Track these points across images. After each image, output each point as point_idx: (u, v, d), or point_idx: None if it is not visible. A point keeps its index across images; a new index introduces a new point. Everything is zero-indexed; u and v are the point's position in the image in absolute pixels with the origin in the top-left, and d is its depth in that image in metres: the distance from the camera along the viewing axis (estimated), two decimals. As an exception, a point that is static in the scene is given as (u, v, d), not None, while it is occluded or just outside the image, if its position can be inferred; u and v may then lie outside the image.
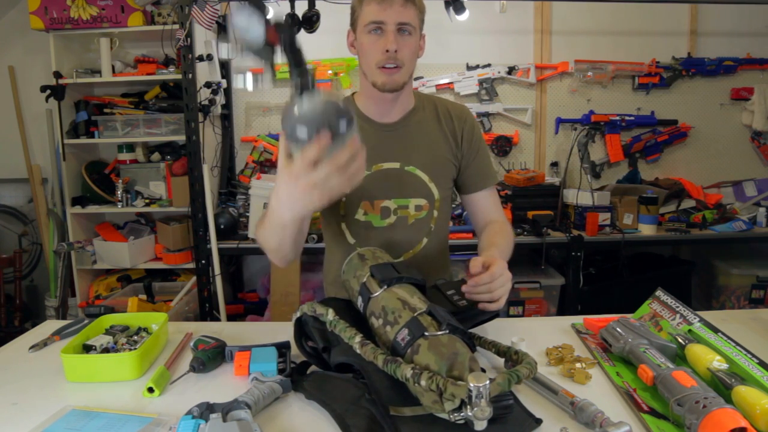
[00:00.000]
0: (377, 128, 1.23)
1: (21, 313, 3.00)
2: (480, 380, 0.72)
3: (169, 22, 2.53)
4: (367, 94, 1.23)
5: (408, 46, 1.13)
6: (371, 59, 1.14)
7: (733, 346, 0.93)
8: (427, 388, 0.74)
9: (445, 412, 0.74)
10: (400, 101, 1.24)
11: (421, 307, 0.88)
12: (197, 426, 0.75)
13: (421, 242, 1.29)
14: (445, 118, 1.28)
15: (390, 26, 1.11)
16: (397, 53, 1.12)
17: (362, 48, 1.16)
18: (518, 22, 2.94)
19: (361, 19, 1.14)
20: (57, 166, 2.90)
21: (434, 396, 0.74)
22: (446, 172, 1.28)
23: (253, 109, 2.99)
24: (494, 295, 0.99)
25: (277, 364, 0.97)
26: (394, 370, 0.78)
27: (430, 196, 1.26)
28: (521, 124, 3.00)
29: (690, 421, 0.74)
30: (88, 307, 1.50)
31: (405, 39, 1.13)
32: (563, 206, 2.66)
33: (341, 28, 2.97)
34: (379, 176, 1.22)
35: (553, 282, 2.55)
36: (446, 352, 0.78)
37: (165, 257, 2.72)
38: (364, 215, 1.23)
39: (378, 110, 1.23)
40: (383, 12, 1.10)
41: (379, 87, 1.16)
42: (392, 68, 1.13)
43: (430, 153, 1.25)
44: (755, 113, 2.91)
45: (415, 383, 0.75)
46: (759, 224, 2.59)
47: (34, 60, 2.99)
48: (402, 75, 1.15)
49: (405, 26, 1.11)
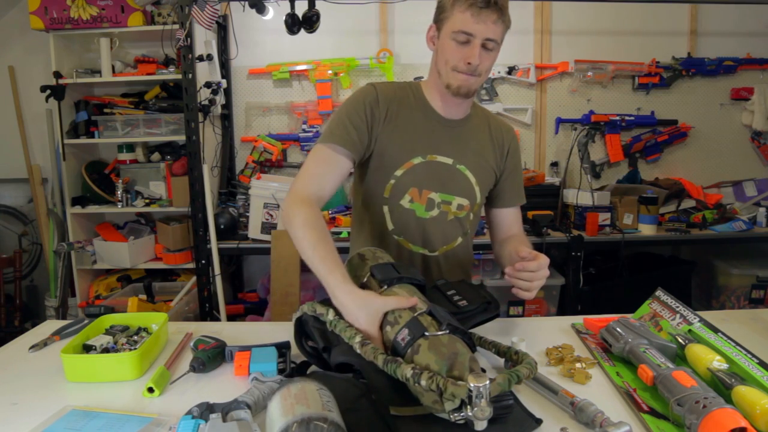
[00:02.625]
0: (438, 120, 1.25)
1: (21, 313, 3.00)
2: (480, 380, 0.72)
3: (169, 22, 2.53)
4: (435, 89, 1.24)
5: (489, 59, 1.15)
6: (450, 63, 1.15)
7: (733, 346, 0.93)
8: (428, 388, 0.74)
9: (445, 411, 0.74)
10: (464, 105, 1.26)
11: (422, 307, 0.88)
12: (197, 426, 0.75)
13: (456, 241, 1.31)
14: (495, 130, 1.31)
15: (478, 40, 1.11)
16: (480, 66, 1.14)
17: (444, 50, 1.15)
18: (518, 22, 2.90)
19: (450, 23, 1.13)
20: (57, 166, 2.90)
21: (434, 396, 0.74)
22: (488, 180, 1.31)
23: (253, 109, 2.99)
24: (533, 285, 1.03)
25: (277, 364, 0.97)
26: (394, 370, 0.78)
27: (473, 198, 1.28)
28: (521, 124, 3.00)
29: (690, 421, 0.74)
30: (88, 307, 1.50)
31: (488, 53, 1.14)
32: (563, 206, 2.66)
33: (341, 28, 2.96)
34: (431, 167, 1.23)
35: (553, 282, 2.54)
36: (446, 352, 0.78)
37: (165, 257, 2.72)
38: (410, 202, 1.24)
39: (442, 105, 1.25)
40: (475, 25, 1.09)
41: (452, 90, 1.16)
42: (469, 76, 1.15)
43: (479, 157, 1.27)
44: (755, 113, 2.91)
45: (416, 383, 0.75)
46: (759, 224, 2.59)
47: (34, 60, 2.99)
48: (477, 83, 1.17)
49: (491, 42, 1.12)
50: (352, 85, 2.91)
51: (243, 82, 2.98)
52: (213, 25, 2.37)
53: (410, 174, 1.21)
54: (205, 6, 2.26)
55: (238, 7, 2.50)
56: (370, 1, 2.63)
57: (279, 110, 2.99)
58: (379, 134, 1.19)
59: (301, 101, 2.95)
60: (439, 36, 1.16)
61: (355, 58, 2.88)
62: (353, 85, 2.92)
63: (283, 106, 2.97)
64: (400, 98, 1.23)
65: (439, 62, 1.18)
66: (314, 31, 2.36)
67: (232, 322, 2.54)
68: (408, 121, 1.21)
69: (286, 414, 0.67)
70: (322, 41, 2.78)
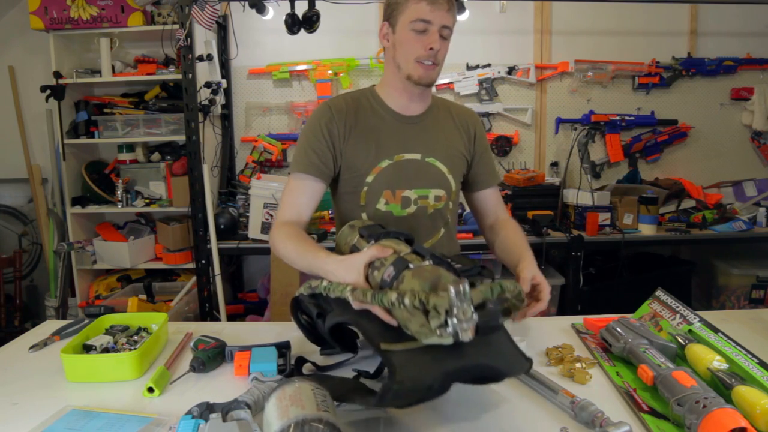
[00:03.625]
0: (400, 120, 1.26)
1: (21, 313, 3.00)
2: (459, 283, 0.73)
3: (169, 22, 2.53)
4: (394, 86, 1.25)
5: (445, 47, 1.20)
6: (411, 54, 1.17)
7: (733, 346, 0.93)
8: (411, 306, 0.75)
9: (432, 332, 0.74)
10: (424, 97, 1.29)
11: (407, 250, 0.92)
12: (197, 426, 0.76)
13: (440, 232, 1.32)
14: (459, 116, 1.34)
15: (435, 27, 1.16)
16: (437, 53, 1.18)
17: (402, 42, 1.18)
18: (518, 22, 2.94)
19: (406, 15, 1.16)
20: (57, 166, 2.90)
21: (420, 318, 0.75)
22: (460, 166, 1.32)
23: (253, 109, 2.99)
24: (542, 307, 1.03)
25: (277, 364, 0.97)
26: (381, 299, 0.80)
27: (447, 187, 1.29)
28: (521, 124, 3.00)
29: (690, 421, 0.74)
30: (88, 307, 1.51)
31: (444, 42, 1.19)
32: (563, 206, 2.66)
33: (341, 28, 2.96)
34: (400, 166, 1.24)
35: (553, 282, 2.54)
36: (430, 276, 0.80)
37: (165, 257, 2.71)
38: (385, 205, 1.25)
39: (402, 103, 1.26)
40: (432, 12, 1.15)
41: (415, 80, 1.19)
42: (430, 65, 1.18)
43: (447, 146, 1.29)
44: (755, 113, 2.91)
45: (401, 305, 0.76)
46: (759, 224, 2.59)
47: (34, 60, 2.98)
48: (436, 72, 1.21)
49: (446, 30, 1.18)
50: (352, 85, 2.91)
51: (243, 82, 2.98)
52: (213, 25, 2.37)
53: (381, 177, 1.23)
54: (205, 6, 2.26)
55: (238, 7, 2.50)
56: (370, 1, 2.63)
57: (279, 110, 2.99)
58: (342, 149, 1.23)
59: (301, 101, 2.95)
60: (395, 31, 1.19)
61: (355, 58, 2.88)
62: (353, 85, 2.92)
63: (283, 106, 2.97)
64: (356, 108, 1.26)
65: (397, 56, 1.20)
66: (314, 31, 2.36)
67: (232, 322, 2.54)
68: (369, 128, 1.24)
69: (281, 417, 0.68)
70: (322, 41, 2.78)
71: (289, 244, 1.11)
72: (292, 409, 0.68)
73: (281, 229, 1.15)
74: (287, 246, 1.11)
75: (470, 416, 0.84)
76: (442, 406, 0.87)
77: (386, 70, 1.26)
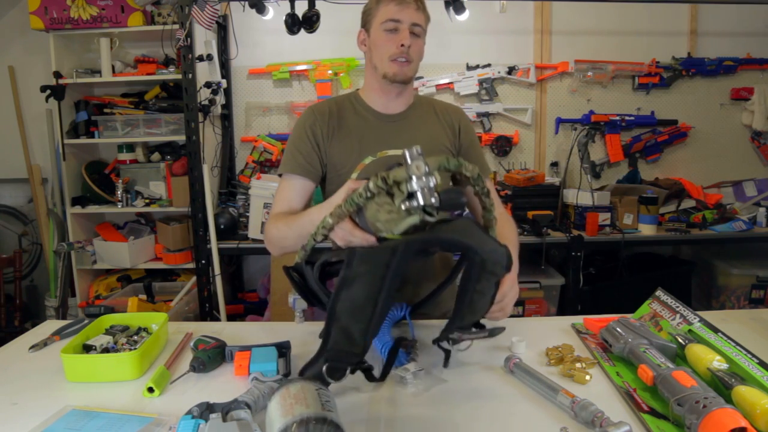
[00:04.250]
0: (382, 119, 1.30)
1: (21, 313, 3.00)
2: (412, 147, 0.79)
3: (169, 22, 2.53)
4: (373, 88, 1.31)
5: (417, 44, 1.25)
6: (385, 53, 1.23)
7: (733, 346, 0.93)
8: (375, 187, 0.80)
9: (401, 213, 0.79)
10: (404, 95, 1.32)
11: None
12: (197, 426, 0.76)
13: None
14: (442, 112, 1.36)
15: (405, 25, 1.21)
16: (409, 49, 1.23)
17: (376, 43, 1.25)
18: (518, 22, 2.94)
19: (377, 18, 1.23)
20: (57, 166, 2.90)
21: (387, 201, 0.80)
22: None
23: (253, 109, 2.99)
24: (506, 312, 1.05)
25: (277, 364, 0.97)
26: (352, 199, 0.85)
27: None
28: (521, 124, 3.00)
29: (690, 421, 0.74)
30: (88, 307, 1.51)
31: (416, 39, 1.24)
32: (563, 206, 2.66)
33: (341, 28, 2.96)
34: (383, 162, 1.26)
35: (553, 282, 2.55)
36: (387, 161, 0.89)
37: (165, 257, 2.72)
38: None
39: (383, 102, 1.31)
40: (400, 12, 1.21)
41: (390, 78, 1.24)
42: (404, 62, 1.23)
43: (430, 142, 1.29)
44: (755, 113, 2.91)
45: (368, 194, 0.81)
46: (759, 224, 2.59)
47: (34, 60, 2.98)
48: (411, 69, 1.26)
49: (417, 27, 1.23)
50: (351, 85, 2.91)
51: (243, 82, 2.98)
52: (213, 25, 2.37)
53: (364, 173, 1.26)
54: (205, 6, 2.26)
55: (238, 7, 2.50)
56: (370, 1, 2.63)
57: (279, 110, 2.99)
58: (327, 149, 1.28)
59: (301, 101, 2.95)
60: (370, 35, 1.27)
61: (355, 58, 2.88)
62: (353, 85, 2.92)
63: (283, 106, 2.97)
64: (339, 110, 1.31)
65: (374, 58, 1.26)
66: (314, 31, 2.36)
67: (232, 322, 2.54)
68: (352, 128, 1.29)
69: (285, 414, 0.68)
70: (322, 41, 2.78)
71: (280, 224, 1.17)
72: (296, 407, 0.68)
73: (271, 220, 1.23)
74: (278, 227, 1.17)
75: (470, 416, 0.85)
76: (443, 406, 0.88)
77: (366, 73, 1.33)
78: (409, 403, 0.89)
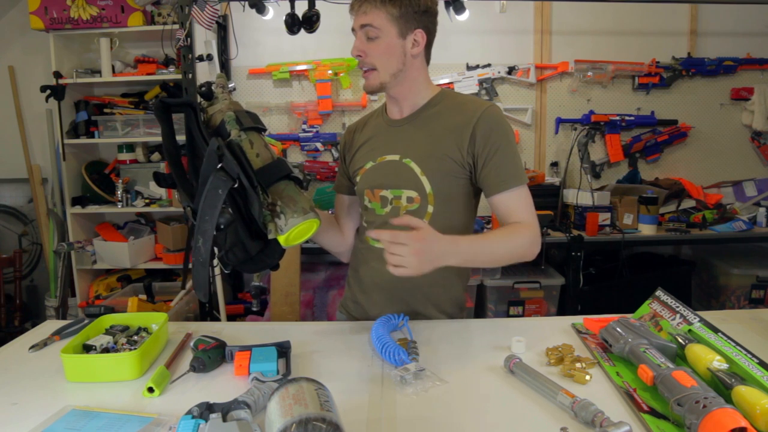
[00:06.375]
0: (390, 124, 1.31)
1: (21, 313, 3.00)
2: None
3: (169, 22, 2.53)
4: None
5: (376, 47, 1.17)
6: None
7: (733, 346, 0.93)
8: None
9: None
10: (407, 99, 1.26)
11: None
12: (197, 426, 0.76)
13: None
14: (462, 114, 1.21)
15: (356, 31, 1.17)
16: (366, 57, 1.18)
17: None
18: (518, 22, 2.94)
19: None
20: (57, 166, 2.90)
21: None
22: (444, 167, 1.20)
23: (253, 109, 2.98)
24: (387, 258, 0.96)
25: (277, 364, 0.97)
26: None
27: (421, 189, 1.21)
28: (521, 124, 3.00)
29: (690, 421, 0.74)
30: (88, 307, 1.50)
31: (373, 42, 1.17)
32: (563, 206, 2.66)
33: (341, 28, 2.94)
34: (381, 167, 1.27)
35: (553, 282, 2.55)
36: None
37: (165, 257, 2.72)
38: (369, 202, 1.30)
39: (391, 109, 1.31)
40: (353, 19, 1.18)
41: (365, 89, 1.25)
42: (367, 71, 1.20)
43: (428, 147, 1.21)
44: (755, 113, 2.91)
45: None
46: (759, 224, 2.59)
47: (34, 60, 2.99)
48: (378, 77, 1.19)
49: (369, 29, 1.16)
50: (351, 85, 2.91)
51: (243, 82, 2.98)
52: (213, 25, 2.37)
53: (365, 177, 1.29)
54: (205, 6, 2.26)
55: (238, 7, 2.50)
56: (370, 1, 2.63)
57: (279, 110, 2.99)
58: (348, 159, 1.37)
59: (301, 101, 2.95)
60: None
61: (354, 58, 2.87)
62: (353, 85, 2.92)
63: (283, 106, 2.97)
64: (365, 122, 1.36)
65: None
66: (314, 31, 2.36)
67: (232, 322, 2.54)
68: (368, 136, 1.32)
69: (284, 415, 0.68)
70: (322, 41, 2.78)
71: None
72: (296, 407, 0.68)
73: None
74: None
75: (470, 416, 0.85)
76: (443, 406, 0.88)
77: None
78: (410, 403, 0.89)
